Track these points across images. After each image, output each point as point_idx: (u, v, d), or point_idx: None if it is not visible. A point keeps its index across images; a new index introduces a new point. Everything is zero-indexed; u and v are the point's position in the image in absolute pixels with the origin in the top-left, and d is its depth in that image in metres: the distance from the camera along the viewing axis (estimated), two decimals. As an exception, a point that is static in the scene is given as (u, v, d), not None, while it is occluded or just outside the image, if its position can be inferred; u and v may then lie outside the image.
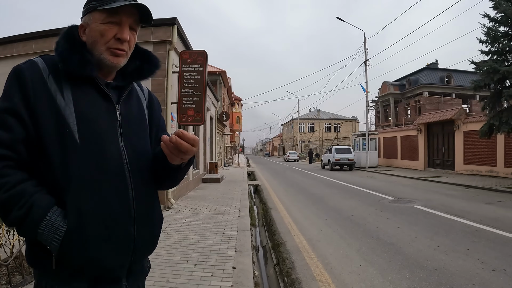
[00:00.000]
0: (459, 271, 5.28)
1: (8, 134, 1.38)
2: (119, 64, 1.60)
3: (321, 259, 6.06)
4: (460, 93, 48.88)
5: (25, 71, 1.46)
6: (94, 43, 1.55)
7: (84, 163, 1.44)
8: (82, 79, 1.52)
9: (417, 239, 7.15)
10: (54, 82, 1.48)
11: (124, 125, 1.61)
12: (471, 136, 22.94)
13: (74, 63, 1.48)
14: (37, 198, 1.37)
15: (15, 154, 1.39)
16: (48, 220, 1.36)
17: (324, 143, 59.09)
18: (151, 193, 1.70)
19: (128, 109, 1.67)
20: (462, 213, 9.77)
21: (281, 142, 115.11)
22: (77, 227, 1.39)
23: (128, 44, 1.59)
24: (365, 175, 25.76)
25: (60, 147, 1.42)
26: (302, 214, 10.53)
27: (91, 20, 1.55)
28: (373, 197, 13.50)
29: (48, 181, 1.44)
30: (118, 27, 1.54)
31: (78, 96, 1.49)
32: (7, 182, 1.34)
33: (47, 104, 1.44)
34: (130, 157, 1.58)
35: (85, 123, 1.47)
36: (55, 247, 1.36)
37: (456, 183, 18.05)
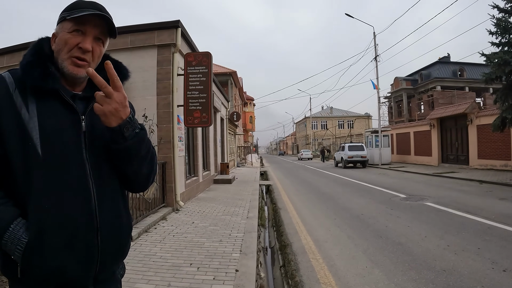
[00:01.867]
0: (468, 272, 5.15)
1: None
2: (79, 75, 1.58)
3: (327, 261, 5.97)
4: (473, 86, 48.30)
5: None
6: (58, 52, 1.57)
7: (46, 175, 1.45)
8: (46, 92, 1.52)
9: (426, 238, 7.02)
10: (20, 96, 1.49)
11: (89, 136, 1.59)
12: (484, 130, 22.58)
13: (36, 76, 1.49)
14: (1, 210, 1.41)
15: None
16: (11, 232, 1.39)
17: (338, 141, 58.85)
18: (117, 202, 1.69)
19: (95, 120, 1.62)
20: (475, 210, 9.60)
21: (295, 140, 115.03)
22: (37, 238, 1.41)
23: (92, 54, 1.59)
24: (378, 172, 25.56)
25: (23, 160, 1.44)
26: (311, 213, 10.47)
27: (60, 29, 1.58)
28: (385, 195, 13.37)
29: (14, 194, 1.46)
30: (82, 36, 1.56)
31: (43, 109, 1.50)
32: None
33: (12, 118, 1.45)
34: (94, 168, 1.57)
35: (48, 136, 1.47)
36: (18, 257, 1.40)
37: (470, 178, 17.79)
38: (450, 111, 26.53)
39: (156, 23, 10.73)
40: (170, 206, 10.18)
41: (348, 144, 32.63)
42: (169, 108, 10.31)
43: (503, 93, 17.50)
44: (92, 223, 1.52)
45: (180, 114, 11.03)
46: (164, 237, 7.12)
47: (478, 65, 46.32)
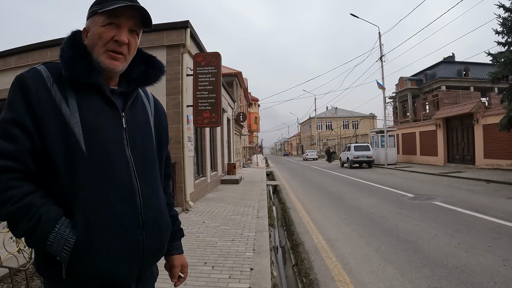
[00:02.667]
0: (480, 269, 5.20)
1: (13, 145, 1.36)
2: (116, 69, 1.57)
3: (340, 259, 6.03)
4: (478, 86, 48.13)
5: (28, 80, 1.44)
6: (93, 46, 1.54)
7: (91, 173, 1.42)
8: (86, 87, 1.50)
9: (437, 236, 7.07)
10: (59, 91, 1.46)
11: (130, 133, 1.58)
12: (490, 129, 22.56)
13: (80, 70, 1.47)
14: (45, 210, 1.36)
15: (22, 165, 1.37)
16: (57, 232, 1.35)
17: (343, 141, 58.77)
18: (158, 199, 1.67)
19: (134, 116, 1.65)
20: (483, 209, 9.63)
21: (300, 141, 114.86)
22: (85, 237, 1.37)
23: (128, 47, 1.57)
24: (384, 172, 25.55)
25: (66, 157, 1.40)
26: (320, 213, 10.51)
27: (92, 23, 1.54)
28: (393, 195, 13.40)
29: (55, 192, 1.42)
30: (117, 29, 1.53)
31: (83, 105, 1.47)
32: (14, 195, 1.33)
33: (52, 114, 1.42)
34: (137, 165, 1.55)
35: (91, 132, 1.44)
36: (65, 258, 1.36)
37: (477, 178, 17.79)
38: (456, 111, 26.48)
39: (165, 23, 10.78)
40: (180, 206, 10.25)
41: (354, 145, 32.63)
42: (178, 108, 10.38)
43: (510, 93, 17.50)
44: (138, 219, 1.50)
45: (189, 114, 11.12)
46: (177, 237, 7.14)
47: (483, 64, 46.22)
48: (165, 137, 1.90)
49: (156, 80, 1.79)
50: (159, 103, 1.93)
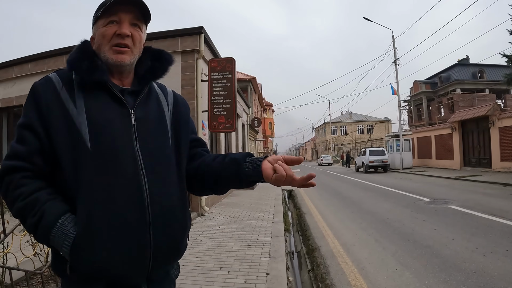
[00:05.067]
0: (498, 273, 5.14)
1: (24, 147, 1.47)
2: (124, 62, 1.60)
3: (356, 264, 6.00)
4: (494, 88, 47.72)
5: (39, 86, 1.54)
6: (99, 47, 1.61)
7: (95, 170, 1.45)
8: (94, 86, 1.55)
9: (454, 240, 7.00)
10: (67, 93, 1.52)
11: (139, 129, 1.58)
12: (507, 132, 22.31)
13: (84, 69, 1.54)
14: (49, 205, 1.42)
15: (32, 165, 1.47)
16: (59, 227, 1.39)
17: (357, 146, 58.55)
18: (170, 196, 1.63)
19: (145, 113, 1.65)
20: (500, 212, 9.51)
21: (314, 146, 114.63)
22: (86, 233, 1.40)
23: (132, 40, 1.61)
24: (400, 176, 25.38)
25: (72, 155, 1.45)
26: (336, 218, 10.47)
27: (96, 29, 1.62)
28: (409, 199, 13.29)
29: (63, 189, 1.48)
30: (118, 25, 1.58)
31: (91, 103, 1.52)
32: (23, 192, 1.42)
33: (60, 115, 1.48)
34: (146, 161, 1.55)
35: (97, 130, 1.48)
36: (65, 253, 1.40)
37: (493, 181, 17.58)
38: (472, 114, 26.19)
39: (179, 29, 10.87)
40: (195, 211, 10.29)
41: (369, 149, 32.47)
42: (193, 113, 10.40)
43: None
44: (144, 217, 1.48)
45: (204, 120, 11.16)
46: (191, 242, 7.19)
47: (498, 66, 45.75)
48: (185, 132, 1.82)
49: (164, 72, 1.79)
50: (179, 96, 1.92)
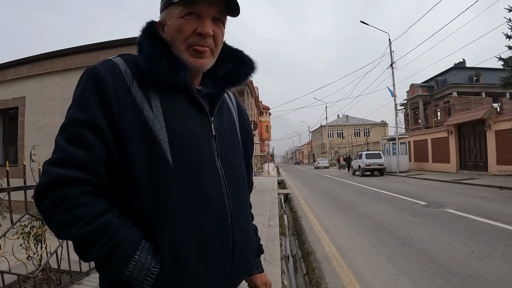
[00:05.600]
0: (494, 278, 5.12)
1: (85, 153, 1.14)
2: (204, 67, 1.34)
3: (352, 268, 5.98)
4: (490, 91, 47.84)
5: (103, 73, 1.20)
6: (172, 42, 1.30)
7: (179, 190, 1.21)
8: (171, 86, 1.28)
9: (450, 244, 6.98)
10: (140, 89, 1.24)
11: (219, 141, 1.37)
12: (503, 135, 22.36)
13: (165, 67, 1.24)
14: (124, 234, 1.14)
15: (95, 177, 1.15)
16: (137, 260, 1.13)
17: (354, 149, 58.63)
18: (248, 218, 1.51)
19: (222, 122, 1.45)
20: (497, 216, 9.51)
21: (311, 149, 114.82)
22: (172, 266, 1.17)
23: (214, 39, 1.32)
24: (396, 180, 25.41)
25: (149, 170, 1.19)
26: (332, 222, 10.45)
27: (168, 16, 1.31)
28: (405, 202, 13.29)
29: (133, 210, 1.21)
30: (198, 20, 1.27)
31: (168, 107, 1.26)
32: (85, 214, 1.10)
33: (133, 116, 1.20)
34: (229, 179, 1.35)
35: (178, 140, 1.24)
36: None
37: (490, 184, 17.59)
38: (468, 117, 26.28)
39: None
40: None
41: (366, 152, 32.53)
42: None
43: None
44: (229, 243, 1.31)
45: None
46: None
47: (495, 69, 46.04)
48: (251, 144, 1.73)
49: (245, 79, 1.53)
50: (242, 105, 1.74)
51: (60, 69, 11.68)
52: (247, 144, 1.65)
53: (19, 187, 3.98)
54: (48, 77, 11.98)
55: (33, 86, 12.20)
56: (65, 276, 4.80)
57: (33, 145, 6.51)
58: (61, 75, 11.75)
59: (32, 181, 4.37)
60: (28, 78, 12.27)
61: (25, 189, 4.05)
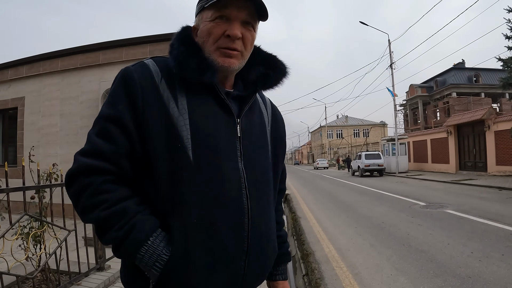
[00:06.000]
0: (493, 278, 5.12)
1: (110, 145, 1.23)
2: (232, 67, 1.37)
3: (351, 269, 5.97)
4: (489, 92, 47.91)
5: (133, 73, 1.29)
6: (203, 44, 1.37)
7: (197, 186, 1.25)
8: (199, 86, 1.33)
9: (449, 245, 6.98)
10: (167, 88, 1.30)
11: (244, 143, 1.39)
12: (502, 136, 22.36)
13: (193, 67, 1.30)
14: (140, 219, 1.20)
15: (117, 168, 1.23)
16: (149, 246, 1.19)
17: (353, 149, 58.65)
18: (269, 223, 1.49)
19: (250, 124, 1.46)
20: (496, 216, 9.51)
21: (310, 150, 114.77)
22: (181, 256, 1.21)
23: (243, 42, 1.36)
24: (396, 180, 25.42)
25: (170, 165, 1.24)
26: (331, 222, 10.44)
27: (200, 20, 1.39)
28: (404, 203, 13.29)
29: (152, 201, 1.27)
30: (227, 23, 1.33)
31: (194, 106, 1.31)
32: (107, 199, 1.19)
33: (158, 113, 1.26)
34: (250, 181, 1.36)
35: (200, 138, 1.28)
36: (154, 275, 1.21)
37: (489, 185, 17.59)
38: (467, 118, 26.31)
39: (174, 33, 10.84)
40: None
41: (365, 153, 32.56)
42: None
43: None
44: (243, 245, 1.32)
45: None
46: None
47: (494, 70, 46.09)
48: (283, 150, 1.72)
49: (277, 83, 1.56)
50: (277, 110, 1.76)
51: (60, 70, 11.71)
52: (277, 150, 1.65)
53: (18, 188, 3.98)
54: (47, 78, 12.00)
55: (32, 86, 12.22)
56: (64, 277, 4.80)
57: (32, 146, 6.52)
58: (60, 75, 11.77)
59: (31, 182, 4.38)
60: (27, 79, 12.30)
61: (24, 189, 4.04)
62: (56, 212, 4.69)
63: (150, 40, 10.73)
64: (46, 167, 4.98)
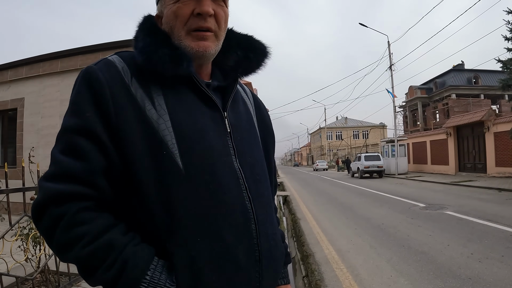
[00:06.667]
0: (493, 279, 5.12)
1: (81, 163, 1.02)
2: (208, 51, 1.19)
3: (351, 270, 5.96)
4: (489, 93, 48.01)
5: (98, 73, 1.08)
6: (171, 31, 1.18)
7: (192, 197, 1.08)
8: (174, 80, 1.15)
9: (449, 246, 6.97)
10: (140, 87, 1.11)
11: (236, 138, 1.23)
12: (502, 137, 22.38)
13: (164, 59, 1.11)
14: (131, 252, 1.00)
15: (94, 190, 1.03)
16: (149, 282, 0.98)
17: (353, 151, 58.65)
18: (273, 223, 1.34)
19: (237, 117, 1.31)
20: (496, 218, 9.50)
21: (310, 151, 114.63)
22: (190, 285, 1.04)
23: (216, 20, 1.18)
24: (395, 182, 25.43)
25: (156, 177, 1.06)
26: (331, 224, 10.43)
27: (163, 5, 1.20)
28: (404, 205, 13.27)
29: (141, 224, 1.08)
30: (194, 0, 1.14)
31: (174, 104, 1.13)
32: (85, 233, 0.97)
33: (134, 118, 1.07)
34: (249, 180, 1.21)
35: (187, 141, 1.10)
36: None
37: (489, 186, 17.58)
38: (467, 119, 26.31)
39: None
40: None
41: (364, 154, 32.51)
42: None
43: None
44: (254, 253, 1.16)
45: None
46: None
47: (493, 71, 46.14)
48: (271, 140, 1.57)
49: (259, 66, 1.38)
50: (258, 98, 1.58)
51: (59, 71, 11.70)
52: (267, 140, 1.52)
53: (18, 189, 3.97)
54: (47, 79, 11.99)
55: (32, 87, 12.20)
56: (64, 278, 4.79)
57: (32, 147, 6.51)
58: (60, 76, 11.76)
59: (31, 183, 4.37)
60: (27, 80, 12.29)
61: (23, 190, 4.03)
62: (55, 213, 4.68)
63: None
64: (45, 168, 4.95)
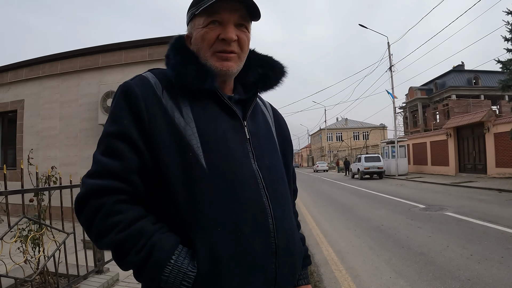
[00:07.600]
0: (493, 281, 5.12)
1: (119, 163, 1.18)
2: (230, 70, 1.36)
3: (350, 272, 5.97)
4: (489, 94, 47.95)
5: (134, 87, 1.26)
6: (199, 51, 1.36)
7: (214, 192, 1.21)
8: (200, 94, 1.32)
9: (449, 248, 6.97)
10: (170, 99, 1.28)
11: (254, 144, 1.38)
12: (502, 138, 22.36)
13: (192, 75, 1.29)
14: (158, 238, 1.14)
15: (129, 186, 1.18)
16: (173, 265, 1.12)
17: (353, 152, 58.64)
18: (291, 221, 1.44)
19: (256, 126, 1.45)
20: (496, 219, 9.50)
21: (310, 152, 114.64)
22: (211, 270, 1.16)
23: (238, 44, 1.36)
24: (395, 183, 25.41)
25: (183, 175, 1.21)
26: (331, 225, 10.44)
27: (193, 28, 1.38)
28: (404, 206, 13.28)
29: (169, 216, 1.22)
30: (221, 27, 1.32)
31: (199, 113, 1.29)
32: (120, 221, 1.13)
33: (164, 124, 1.23)
34: (266, 180, 1.34)
35: (210, 145, 1.25)
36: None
37: (489, 187, 17.60)
38: (467, 120, 26.31)
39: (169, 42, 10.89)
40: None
41: (365, 155, 32.44)
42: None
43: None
44: (271, 246, 1.26)
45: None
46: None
47: (493, 72, 45.99)
48: (290, 149, 1.73)
49: (277, 83, 1.56)
50: (277, 111, 1.75)
51: (59, 72, 11.70)
52: (285, 149, 1.65)
53: (17, 191, 3.96)
54: (47, 80, 11.99)
55: (32, 89, 12.21)
56: (63, 280, 4.79)
57: (31, 149, 6.51)
58: (60, 78, 11.77)
59: (30, 185, 4.37)
60: (27, 81, 12.29)
61: (22, 192, 4.03)
62: (54, 215, 4.67)
63: (149, 43, 10.72)
64: (45, 170, 4.96)
